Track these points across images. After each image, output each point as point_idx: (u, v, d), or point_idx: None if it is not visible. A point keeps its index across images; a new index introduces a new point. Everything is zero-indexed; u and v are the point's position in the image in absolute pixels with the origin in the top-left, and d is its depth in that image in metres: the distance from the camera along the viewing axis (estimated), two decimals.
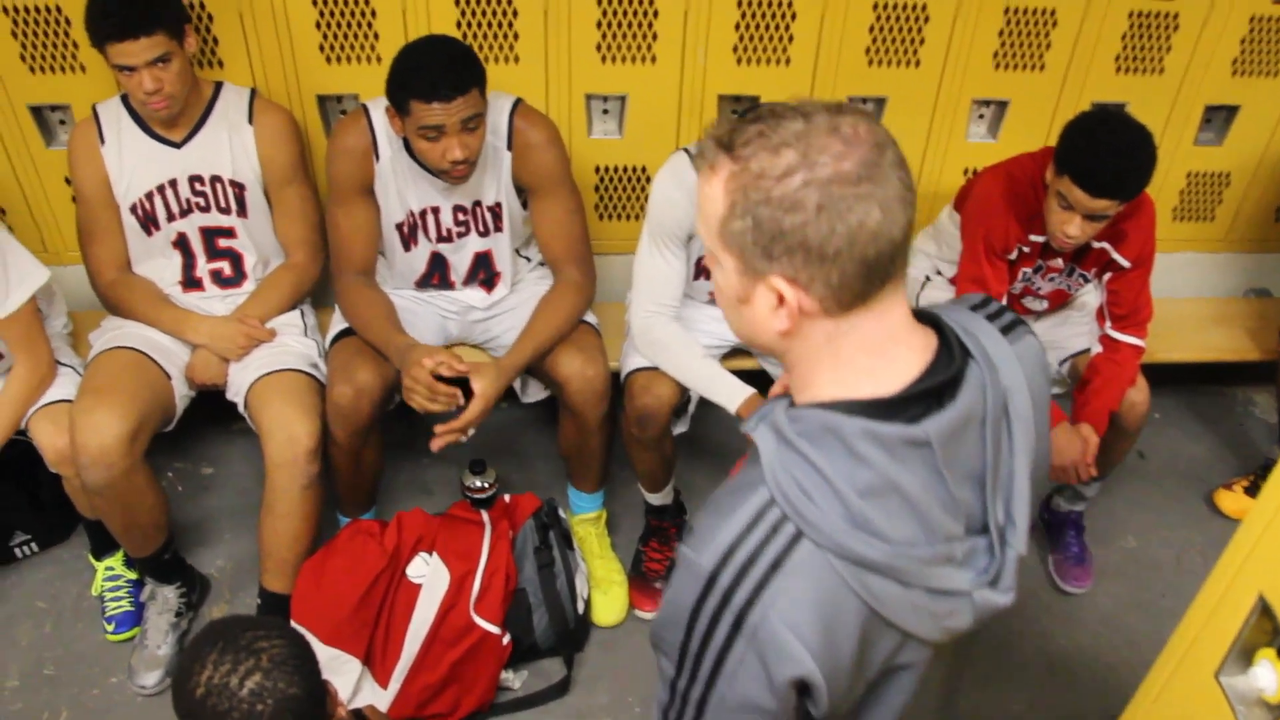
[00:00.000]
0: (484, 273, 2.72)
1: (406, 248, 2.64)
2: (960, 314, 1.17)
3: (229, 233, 2.72)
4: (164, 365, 2.65)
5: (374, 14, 2.69)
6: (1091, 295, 2.86)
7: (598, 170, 2.98)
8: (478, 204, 2.58)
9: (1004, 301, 2.65)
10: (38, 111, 2.84)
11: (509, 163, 2.54)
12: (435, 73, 2.27)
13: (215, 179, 2.63)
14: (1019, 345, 1.18)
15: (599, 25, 2.72)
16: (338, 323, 2.71)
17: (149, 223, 2.67)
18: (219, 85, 2.64)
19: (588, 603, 2.76)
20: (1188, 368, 3.28)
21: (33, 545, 2.96)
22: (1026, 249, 2.64)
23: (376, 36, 2.72)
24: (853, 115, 1.03)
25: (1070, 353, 2.86)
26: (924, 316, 1.15)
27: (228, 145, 2.61)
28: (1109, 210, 2.40)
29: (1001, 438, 1.12)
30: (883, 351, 1.08)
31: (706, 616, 1.06)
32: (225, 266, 2.78)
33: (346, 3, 2.67)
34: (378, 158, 2.51)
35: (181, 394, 2.70)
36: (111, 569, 2.84)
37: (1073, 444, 2.60)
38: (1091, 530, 3.04)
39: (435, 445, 2.49)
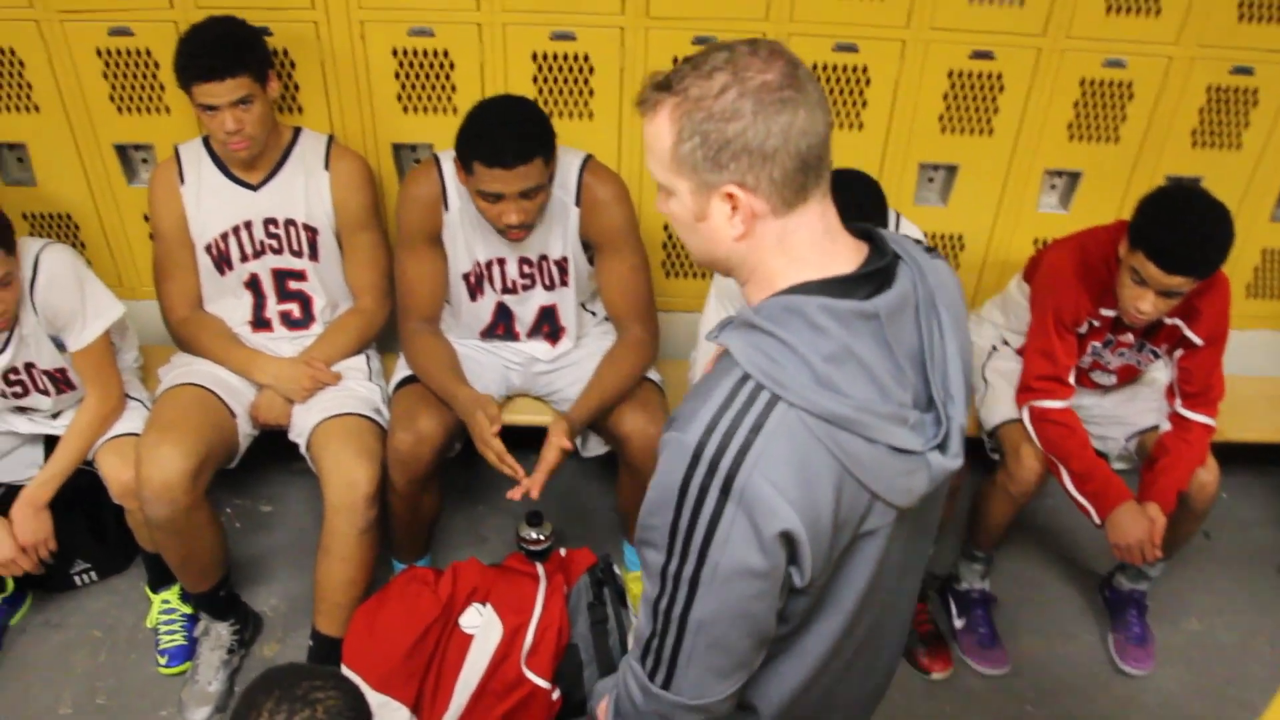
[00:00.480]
0: (548, 326, 2.74)
1: (473, 298, 2.66)
2: (886, 232, 1.32)
3: (300, 275, 2.76)
4: (230, 403, 2.69)
5: (452, 66, 2.73)
6: (1161, 371, 2.81)
7: (666, 228, 2.99)
8: (544, 258, 2.60)
9: (1071, 377, 2.62)
10: (122, 150, 2.92)
11: (576, 218, 2.55)
12: (501, 140, 2.29)
13: (289, 222, 2.67)
14: (937, 263, 1.33)
15: None
16: (401, 369, 2.73)
17: (222, 262, 2.71)
18: (298, 130, 2.69)
19: None
20: (1259, 448, 3.21)
21: (92, 574, 3.00)
22: (1097, 323, 2.60)
23: (454, 88, 2.76)
24: (766, 42, 1.20)
25: (1138, 429, 2.81)
26: (855, 230, 1.30)
27: (303, 190, 2.65)
28: (1183, 287, 2.37)
29: (934, 323, 1.27)
30: (826, 246, 1.23)
31: (695, 488, 1.16)
32: (294, 308, 2.82)
33: (425, 55, 2.72)
34: (447, 208, 2.54)
35: (245, 432, 2.73)
36: (167, 602, 2.86)
37: (1138, 523, 2.55)
38: (1154, 610, 2.97)
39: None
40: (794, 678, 1.35)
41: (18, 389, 2.62)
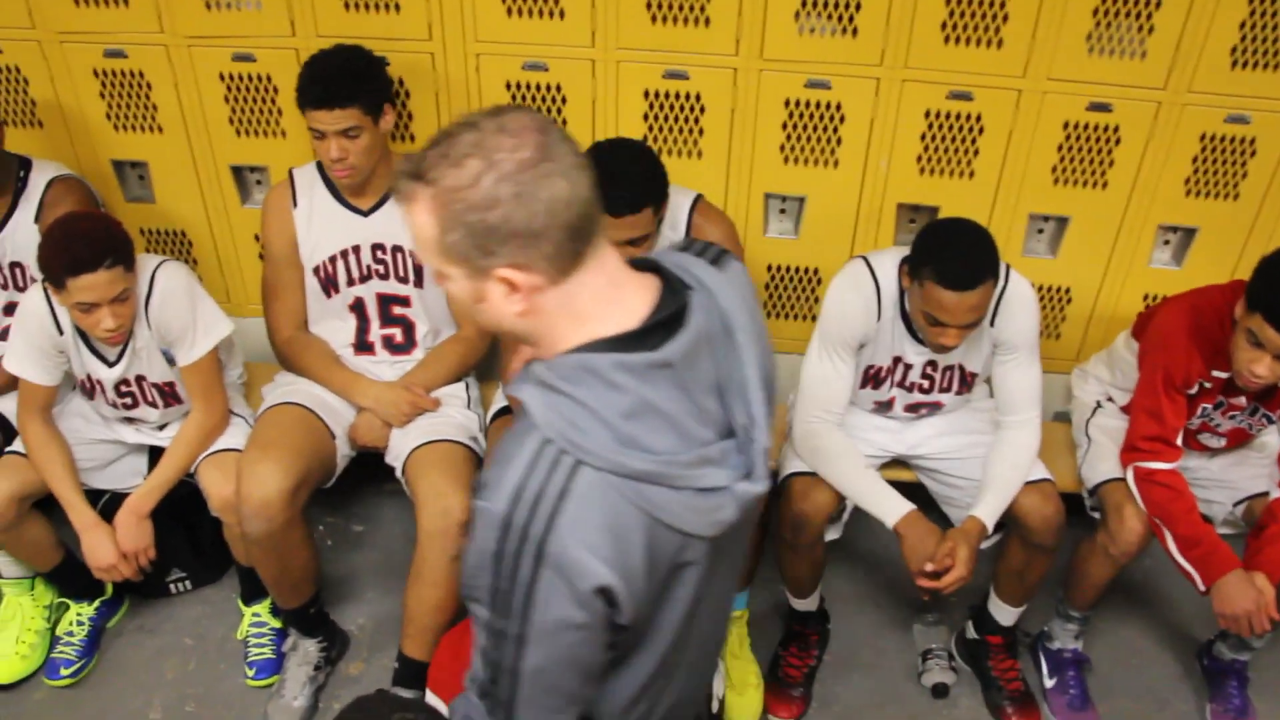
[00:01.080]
0: None
1: None
2: (672, 256, 1.33)
3: (404, 301, 2.80)
4: (330, 424, 2.73)
5: (564, 100, 2.76)
6: (1273, 436, 2.73)
7: (770, 269, 2.98)
8: None
9: (1179, 439, 2.56)
10: (237, 171, 3.00)
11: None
12: (613, 189, 2.28)
13: (397, 249, 2.71)
14: (728, 271, 1.33)
15: (784, 127, 2.73)
16: (500, 400, 2.75)
17: (329, 285, 2.76)
18: None
19: (722, 703, 2.72)
20: None
21: (187, 583, 3.07)
22: (1208, 384, 2.54)
23: (565, 122, 2.78)
24: (512, 111, 1.18)
25: (1246, 495, 2.73)
26: (642, 264, 1.30)
27: None
28: None
29: (730, 351, 1.28)
30: (612, 297, 1.23)
31: (510, 555, 1.18)
32: (397, 333, 2.85)
33: (538, 89, 2.75)
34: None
35: (343, 453, 2.77)
36: (258, 615, 2.91)
37: (1246, 593, 2.47)
38: (1256, 683, 2.87)
39: None
40: (626, 692, 1.39)
41: (128, 400, 2.68)
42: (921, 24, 2.59)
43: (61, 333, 2.55)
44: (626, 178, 2.30)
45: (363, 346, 2.87)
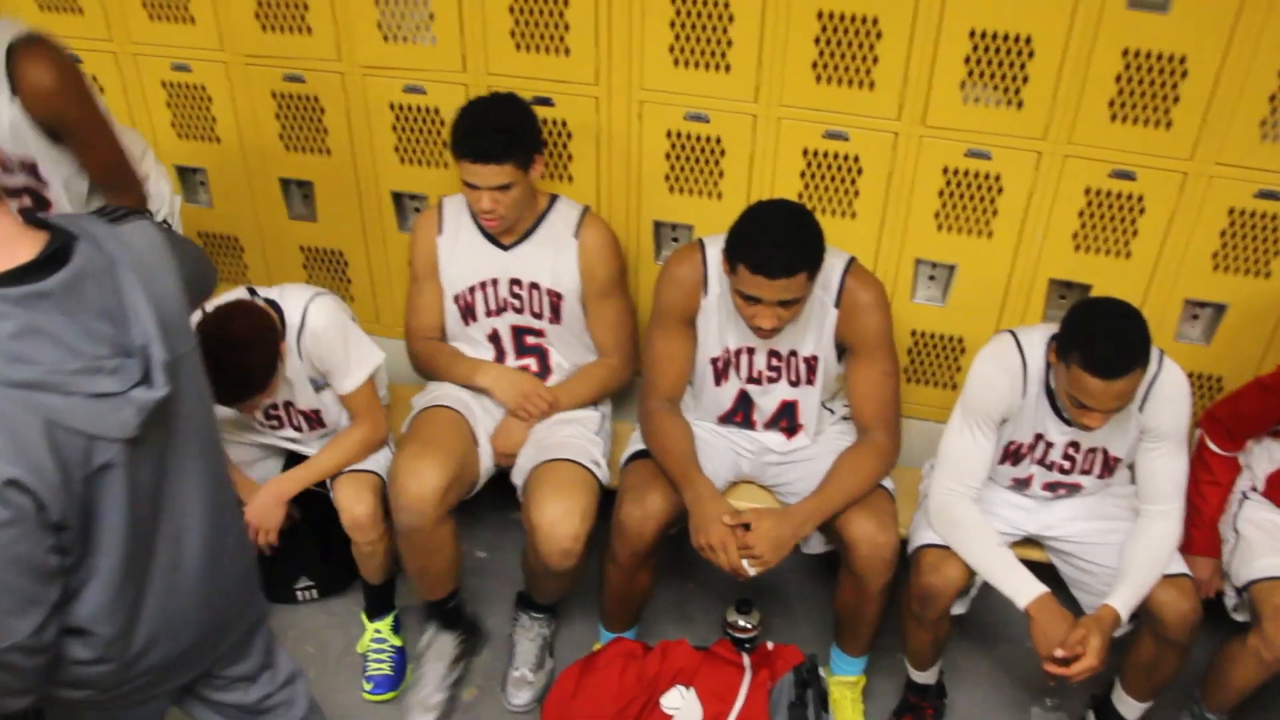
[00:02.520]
0: (787, 420, 2.74)
1: (717, 382, 2.69)
2: (73, 217, 1.55)
3: (538, 333, 2.86)
4: (476, 431, 2.82)
5: (723, 153, 2.78)
6: None
7: (914, 334, 2.97)
8: (794, 353, 2.61)
9: None
10: (397, 197, 3.09)
11: (834, 320, 2.55)
12: (770, 251, 2.33)
13: (534, 285, 2.77)
14: (125, 226, 1.58)
15: (940, 194, 2.72)
16: (635, 442, 2.78)
17: (467, 314, 2.83)
18: (554, 199, 2.79)
19: None
20: None
21: (314, 592, 3.15)
22: None
23: (721, 174, 2.81)
24: None
25: None
26: (37, 223, 1.49)
27: (551, 257, 2.75)
28: None
29: (115, 285, 1.49)
30: (3, 250, 1.42)
31: None
32: (532, 363, 2.91)
33: (698, 140, 2.78)
34: (706, 292, 2.58)
35: (485, 466, 2.84)
36: (379, 632, 2.97)
37: None
38: None
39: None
40: (101, 597, 1.56)
41: (274, 423, 2.79)
42: (1089, 100, 2.55)
43: None
44: (785, 242, 2.33)
45: None
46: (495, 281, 2.79)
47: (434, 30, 2.81)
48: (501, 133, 2.53)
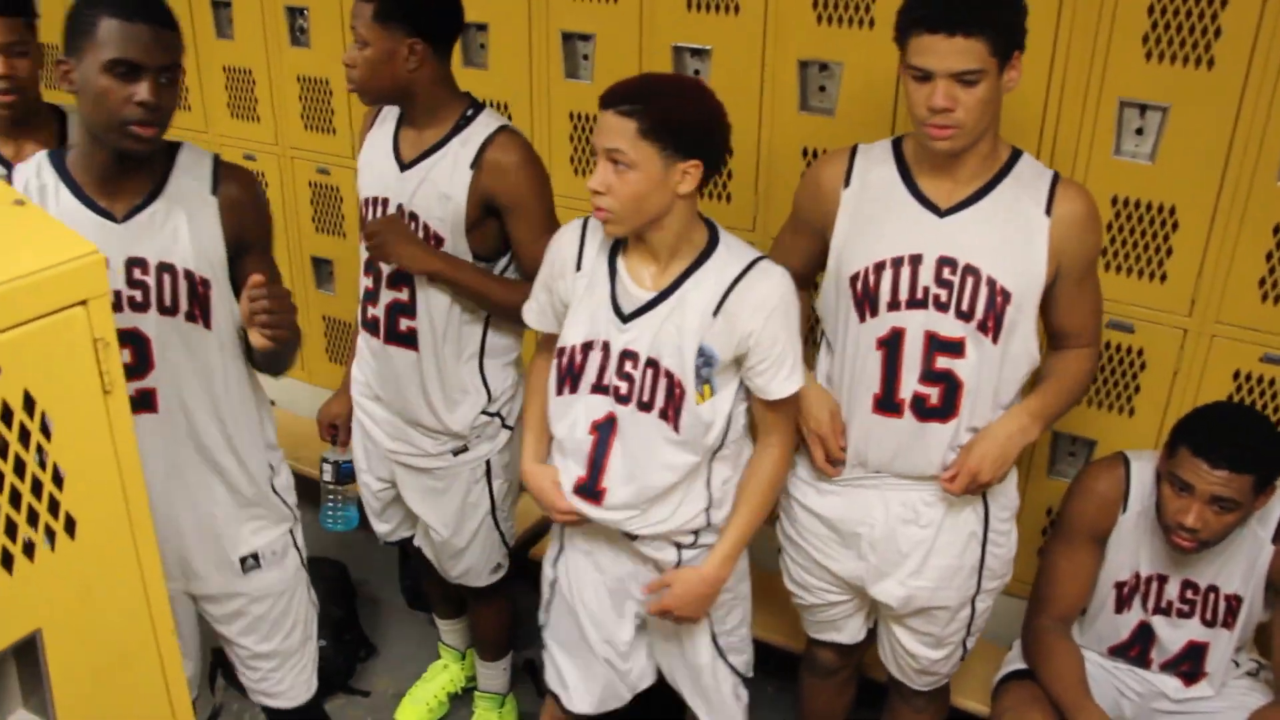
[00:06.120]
0: (1189, 664, 2.42)
1: (1119, 609, 2.42)
2: None
3: None
4: None
5: (1143, 366, 2.60)
6: None
7: None
8: (1213, 589, 2.33)
9: None
10: None
11: (1269, 557, 2.27)
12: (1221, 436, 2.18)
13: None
14: None
15: None
16: (1014, 660, 2.53)
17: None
18: None
19: None
20: None
21: None
22: None
23: (1137, 389, 2.62)
24: None
25: None
26: None
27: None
28: None
29: None
30: None
31: None
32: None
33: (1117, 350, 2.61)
34: (1125, 509, 2.36)
35: None
36: None
37: None
38: None
39: None
40: None
41: None
42: None
43: None
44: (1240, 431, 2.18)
45: None
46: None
47: None
48: None
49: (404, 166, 2.43)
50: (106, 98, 1.84)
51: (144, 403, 2.03)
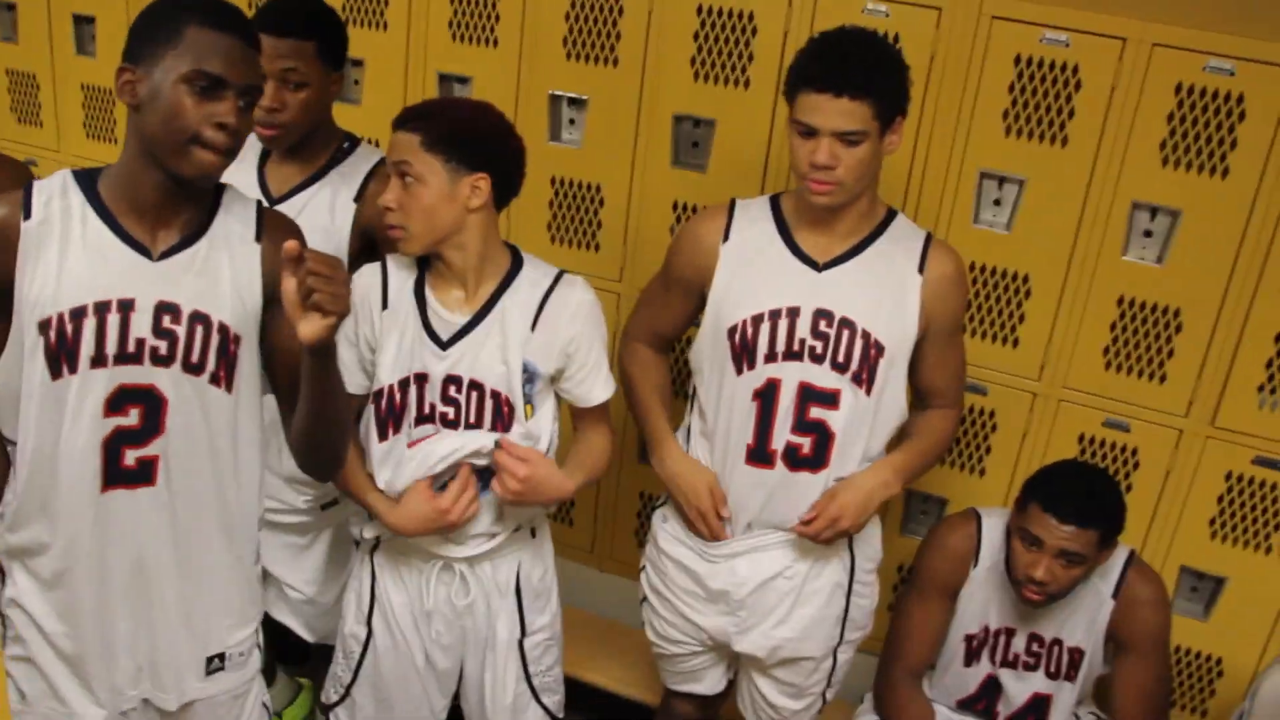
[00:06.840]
0: (1033, 717, 2.49)
1: (967, 663, 2.49)
2: None
3: None
4: None
5: (1136, 465, 2.69)
6: None
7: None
8: (1057, 641, 2.41)
9: None
10: None
11: (1109, 613, 2.37)
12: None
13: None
14: None
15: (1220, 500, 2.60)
16: (866, 714, 2.56)
17: None
18: None
19: None
20: None
21: None
22: None
23: (1129, 488, 2.54)
24: None
25: None
26: None
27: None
28: None
29: None
30: None
31: None
32: None
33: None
34: (976, 563, 2.43)
35: None
36: None
37: None
38: None
39: None
40: None
41: None
42: None
43: None
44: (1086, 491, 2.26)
45: None
46: None
47: None
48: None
49: (273, 202, 2.38)
50: (179, 114, 1.63)
51: (142, 474, 1.78)
